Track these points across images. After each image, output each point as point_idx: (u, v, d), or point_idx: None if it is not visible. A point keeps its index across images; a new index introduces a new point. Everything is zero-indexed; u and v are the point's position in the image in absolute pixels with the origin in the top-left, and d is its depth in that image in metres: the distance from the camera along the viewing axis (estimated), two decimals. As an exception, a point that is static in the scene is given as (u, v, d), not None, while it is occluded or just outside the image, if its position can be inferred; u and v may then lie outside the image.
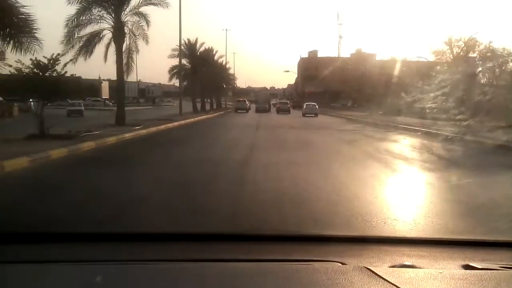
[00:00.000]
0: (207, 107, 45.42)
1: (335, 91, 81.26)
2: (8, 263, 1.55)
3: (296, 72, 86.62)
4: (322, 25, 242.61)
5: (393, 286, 1.28)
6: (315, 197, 5.44)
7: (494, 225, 3.80)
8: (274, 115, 40.15)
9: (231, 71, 61.53)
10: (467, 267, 1.59)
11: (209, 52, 43.92)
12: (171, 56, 35.12)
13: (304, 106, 38.56)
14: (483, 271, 1.50)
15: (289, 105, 45.34)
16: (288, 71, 71.92)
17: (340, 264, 1.56)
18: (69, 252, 1.77)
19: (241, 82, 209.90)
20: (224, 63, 54.10)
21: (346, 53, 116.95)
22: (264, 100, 52.89)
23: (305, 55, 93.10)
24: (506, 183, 6.88)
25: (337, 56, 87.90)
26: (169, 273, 1.46)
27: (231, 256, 1.68)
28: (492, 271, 1.51)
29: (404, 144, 14.26)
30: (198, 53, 36.59)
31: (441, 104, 29.87)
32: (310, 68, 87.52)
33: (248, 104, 52.93)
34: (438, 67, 32.36)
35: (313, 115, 36.06)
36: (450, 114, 20.41)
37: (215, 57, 46.21)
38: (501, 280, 1.41)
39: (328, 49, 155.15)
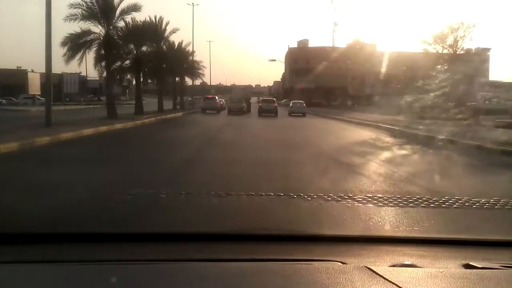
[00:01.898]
0: (152, 107, 30.26)
1: (330, 88, 68.27)
2: (8, 263, 1.53)
3: (284, 63, 72.06)
4: (313, 10, 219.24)
5: (394, 285, 1.26)
6: None
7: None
8: (253, 120, 26.39)
9: (200, 60, 46.13)
10: (467, 266, 1.57)
11: (154, 24, 28.78)
12: (70, 18, 19.72)
13: (291, 105, 35.27)
14: (483, 270, 1.49)
15: (275, 105, 32.36)
16: (274, 60, 56.83)
17: (341, 264, 1.54)
18: (69, 252, 1.75)
19: (223, 79, 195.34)
20: (187, 46, 38.95)
21: (341, 43, 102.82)
22: (239, 97, 38.16)
23: (294, 45, 78.85)
24: None
25: (331, 46, 74.00)
26: (169, 273, 1.45)
27: (232, 256, 1.67)
28: (492, 270, 1.50)
29: None
30: (118, 14, 20.75)
31: None
32: (300, 61, 75.02)
33: (222, 102, 39.98)
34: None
35: (301, 114, 32.22)
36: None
37: (166, 33, 30.84)
38: (501, 279, 1.40)
39: (321, 38, 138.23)
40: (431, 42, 34.67)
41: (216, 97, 40.14)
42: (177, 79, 40.24)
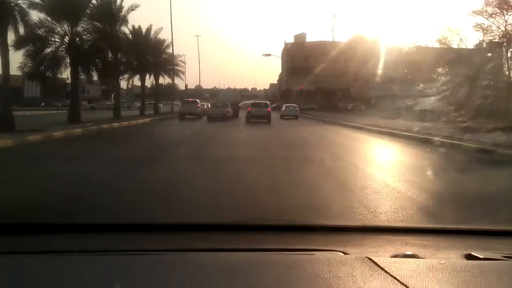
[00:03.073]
0: (129, 112, 22.27)
1: (331, 89, 61.09)
2: (9, 254, 1.51)
3: (280, 58, 64.38)
4: (311, 2, 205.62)
5: (394, 279, 1.26)
6: None
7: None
8: (236, 130, 19.03)
9: (178, 54, 37.97)
10: (469, 256, 1.55)
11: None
12: None
13: (283, 108, 34.06)
14: (485, 261, 1.50)
15: (268, 109, 25.53)
16: (269, 54, 48.56)
17: (342, 254, 1.53)
18: (69, 242, 1.70)
19: (217, 82, 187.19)
20: (158, 33, 30.67)
21: (342, 38, 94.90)
22: (225, 100, 30.54)
23: (291, 41, 71.39)
24: None
25: (331, 40, 66.78)
26: (168, 262, 1.43)
27: (232, 246, 1.63)
28: (494, 261, 1.50)
29: None
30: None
31: None
32: (298, 58, 66.63)
33: (205, 107, 32.92)
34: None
35: (293, 117, 31.29)
36: None
37: (123, 11, 22.49)
38: (503, 271, 1.41)
39: (320, 33, 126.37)
40: (491, 13, 25.70)
41: (198, 101, 32.57)
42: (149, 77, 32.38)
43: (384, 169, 7.61)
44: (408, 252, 1.57)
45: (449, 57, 28.58)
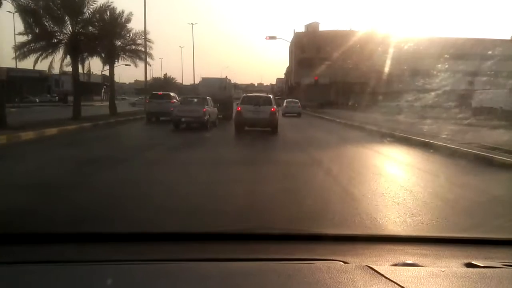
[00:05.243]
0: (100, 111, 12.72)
1: (349, 83, 51.98)
2: (7, 264, 1.50)
3: (289, 42, 54.87)
4: None
5: (395, 285, 1.26)
6: None
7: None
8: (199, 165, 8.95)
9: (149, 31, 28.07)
10: (469, 265, 1.55)
11: None
12: None
13: (284, 104, 30.37)
14: (485, 269, 1.49)
15: (272, 108, 15.10)
16: (274, 37, 37.96)
17: (342, 263, 1.53)
18: (68, 252, 1.71)
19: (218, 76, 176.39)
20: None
21: (358, 27, 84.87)
22: (207, 93, 20.37)
23: (302, 30, 62.96)
24: None
25: (348, 29, 58.47)
26: (169, 272, 1.44)
27: (233, 256, 1.64)
28: (494, 269, 1.49)
29: None
30: None
31: None
32: (309, 49, 58.07)
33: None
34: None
35: (295, 114, 28.64)
36: None
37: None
38: (503, 278, 1.40)
39: (334, 23, 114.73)
40: None
41: (172, 94, 22.81)
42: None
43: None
44: (409, 261, 1.56)
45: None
